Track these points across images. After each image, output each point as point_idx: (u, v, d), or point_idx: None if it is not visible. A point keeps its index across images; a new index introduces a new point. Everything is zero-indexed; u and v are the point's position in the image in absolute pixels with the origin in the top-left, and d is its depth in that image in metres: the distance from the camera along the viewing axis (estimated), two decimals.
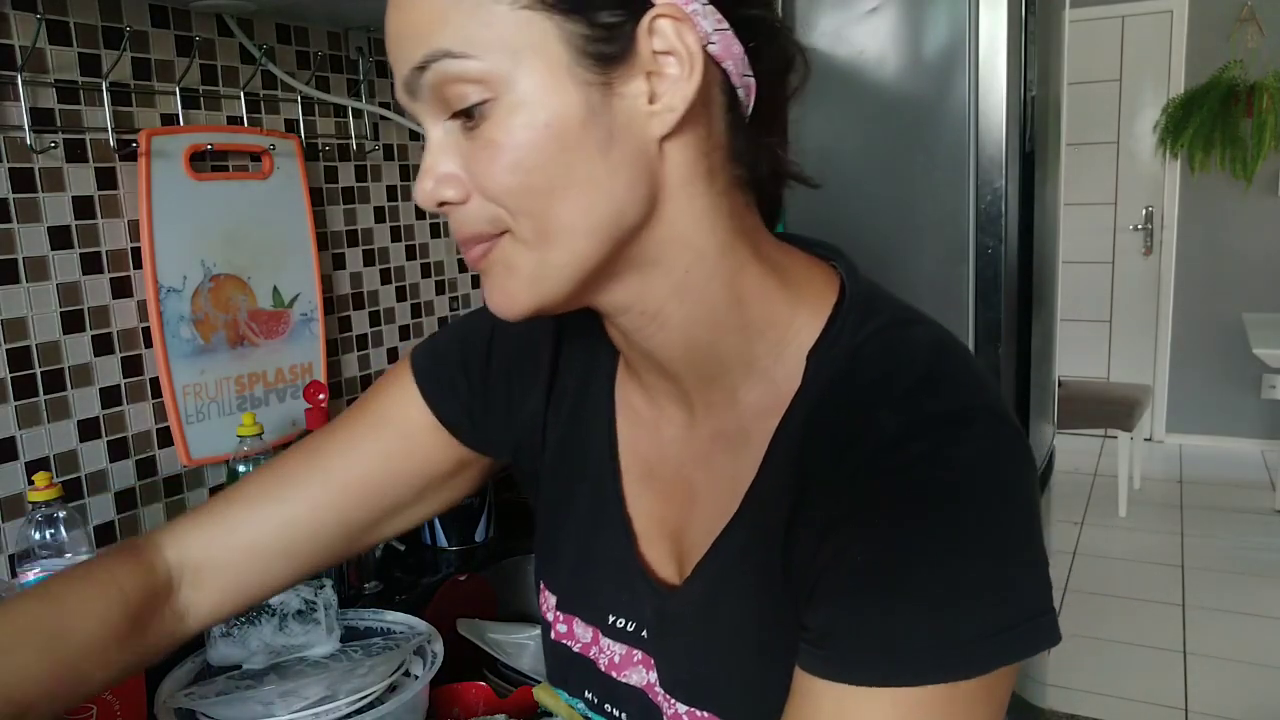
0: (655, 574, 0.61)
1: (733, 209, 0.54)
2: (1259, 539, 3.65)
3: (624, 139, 0.49)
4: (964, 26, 1.48)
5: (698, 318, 0.54)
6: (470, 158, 0.49)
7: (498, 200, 0.49)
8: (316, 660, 1.00)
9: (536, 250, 0.50)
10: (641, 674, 0.61)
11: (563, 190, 0.48)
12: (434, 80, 0.48)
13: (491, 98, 0.47)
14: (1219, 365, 4.71)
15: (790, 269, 0.56)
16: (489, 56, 0.47)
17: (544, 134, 0.47)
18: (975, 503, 0.46)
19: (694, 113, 0.50)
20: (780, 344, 0.55)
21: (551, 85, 0.47)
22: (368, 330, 1.48)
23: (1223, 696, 2.61)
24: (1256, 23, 4.37)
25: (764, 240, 0.56)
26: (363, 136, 1.44)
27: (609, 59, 0.47)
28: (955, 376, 0.51)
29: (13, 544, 0.99)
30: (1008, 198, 1.51)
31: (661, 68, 0.48)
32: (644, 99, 0.49)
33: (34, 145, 1.03)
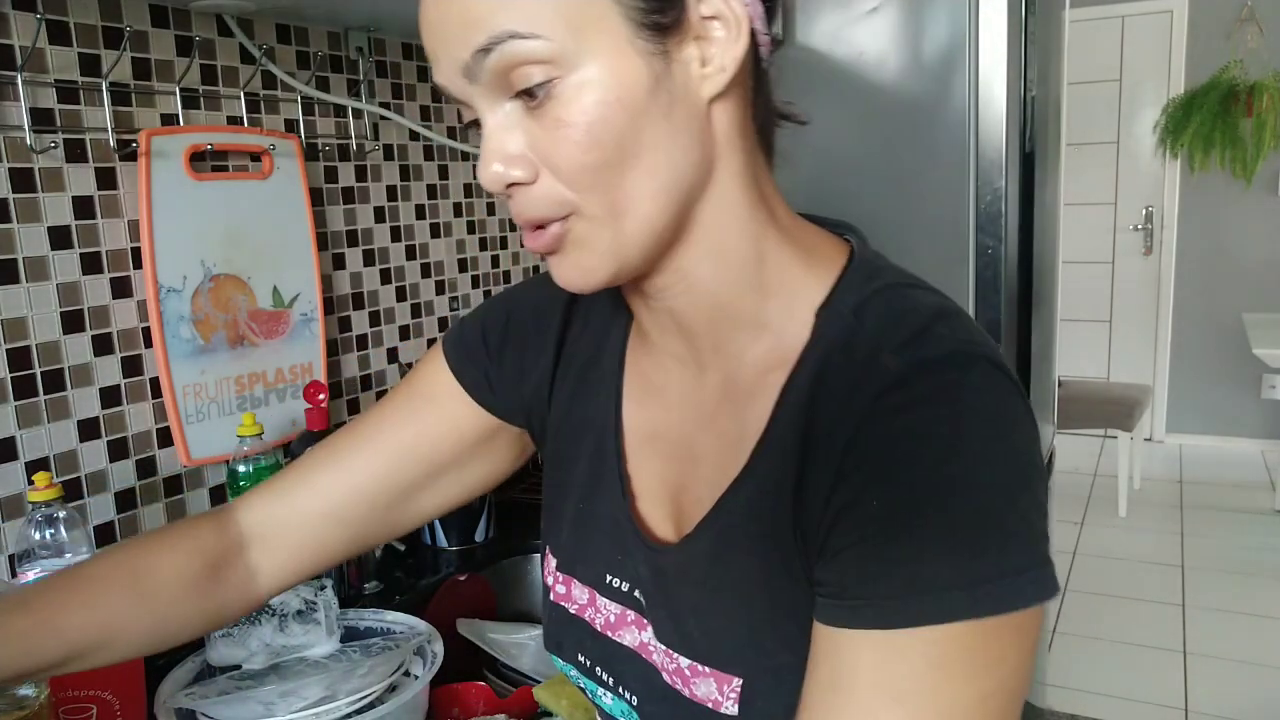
0: (651, 533, 0.62)
1: (758, 167, 0.56)
2: (1259, 539, 3.65)
3: (682, 104, 0.51)
4: (964, 26, 1.48)
5: (723, 277, 0.56)
6: (538, 137, 0.50)
7: (570, 177, 0.50)
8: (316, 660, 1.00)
9: (609, 225, 0.51)
10: (635, 634, 0.62)
11: (633, 160, 0.50)
12: (499, 63, 0.48)
13: (558, 76, 0.48)
14: (1219, 365, 4.71)
15: (804, 234, 0.58)
16: (555, 35, 0.47)
17: (616, 108, 0.49)
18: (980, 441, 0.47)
19: (738, 73, 0.52)
20: (791, 303, 0.56)
21: (618, 59, 0.48)
22: (367, 330, 1.48)
23: (1223, 696, 2.61)
24: (1256, 23, 4.37)
25: (780, 204, 0.58)
26: (363, 136, 1.44)
27: (665, 28, 0.49)
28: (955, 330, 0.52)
29: (13, 544, 0.99)
30: (1008, 198, 1.51)
31: (709, 32, 0.51)
32: (696, 63, 0.51)
33: (34, 145, 1.03)
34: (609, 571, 0.64)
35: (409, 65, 1.53)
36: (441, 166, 1.61)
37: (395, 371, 1.52)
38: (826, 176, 1.58)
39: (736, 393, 0.57)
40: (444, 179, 1.62)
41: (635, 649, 0.62)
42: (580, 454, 0.67)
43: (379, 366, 1.50)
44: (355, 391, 1.46)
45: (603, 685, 0.65)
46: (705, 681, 0.56)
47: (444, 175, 1.62)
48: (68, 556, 0.95)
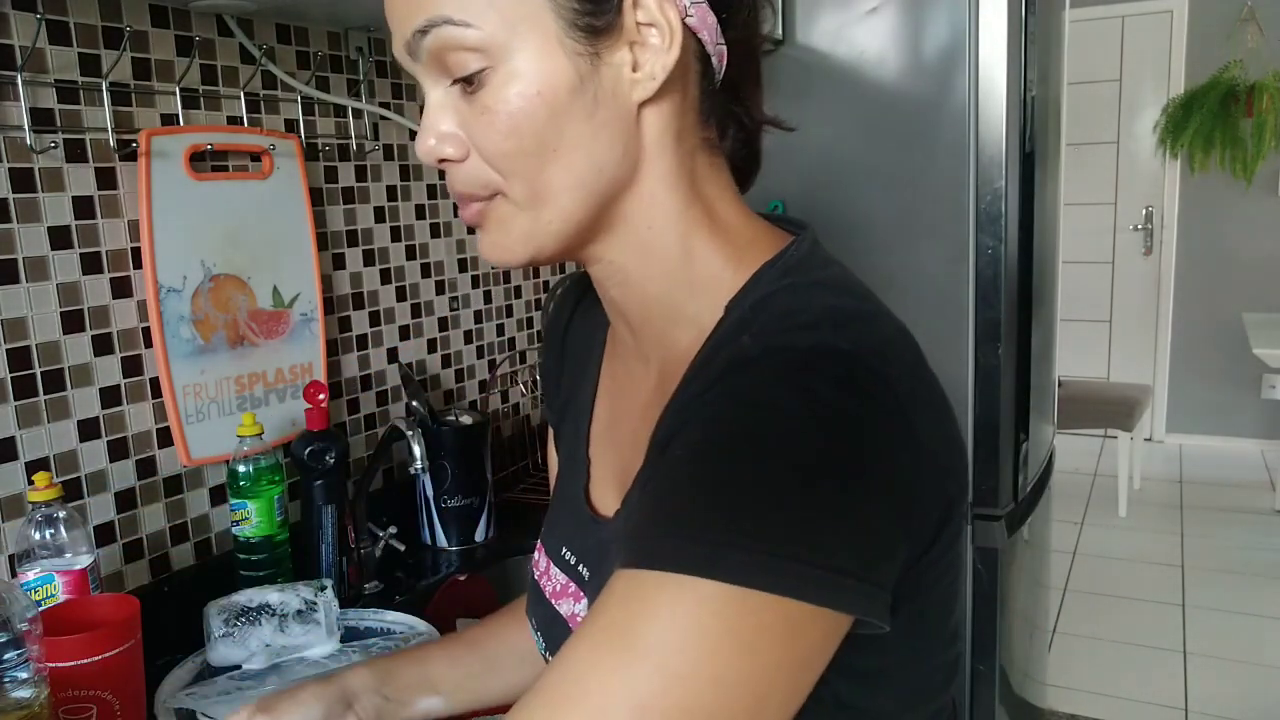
0: (598, 511, 0.66)
1: (695, 171, 0.58)
2: (1259, 539, 3.65)
3: (608, 105, 0.53)
4: (964, 26, 1.48)
5: (652, 274, 0.58)
6: (469, 121, 0.53)
7: (492, 162, 0.54)
8: (316, 660, 1.00)
9: (528, 210, 0.54)
10: (570, 605, 0.66)
11: (552, 153, 0.52)
12: (434, 45, 0.51)
13: (489, 66, 0.51)
14: (1219, 365, 4.71)
15: (743, 233, 0.59)
16: (487, 26, 0.50)
17: (537, 102, 0.51)
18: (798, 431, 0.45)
19: (671, 80, 0.54)
20: (715, 300, 0.57)
21: (545, 56, 0.51)
22: (367, 330, 1.48)
23: (1223, 696, 2.61)
24: (1256, 23, 4.37)
25: (723, 205, 0.59)
26: (363, 136, 1.44)
27: (597, 30, 0.51)
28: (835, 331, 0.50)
29: (13, 544, 0.99)
30: (1008, 198, 1.51)
31: (644, 38, 0.52)
32: (627, 67, 0.53)
33: (34, 145, 1.03)
34: (564, 544, 0.68)
35: None
36: None
37: (395, 371, 1.52)
38: (827, 176, 1.58)
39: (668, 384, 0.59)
40: (444, 179, 1.61)
41: (566, 618, 0.66)
42: (567, 437, 0.73)
43: (379, 366, 1.50)
44: (355, 391, 1.46)
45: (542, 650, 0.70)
46: None
47: (444, 175, 1.61)
48: (67, 556, 0.96)
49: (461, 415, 1.47)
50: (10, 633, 0.71)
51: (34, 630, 0.73)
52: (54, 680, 0.79)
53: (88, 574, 0.96)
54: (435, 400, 1.61)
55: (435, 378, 1.62)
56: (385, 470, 1.51)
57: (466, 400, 1.69)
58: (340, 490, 1.25)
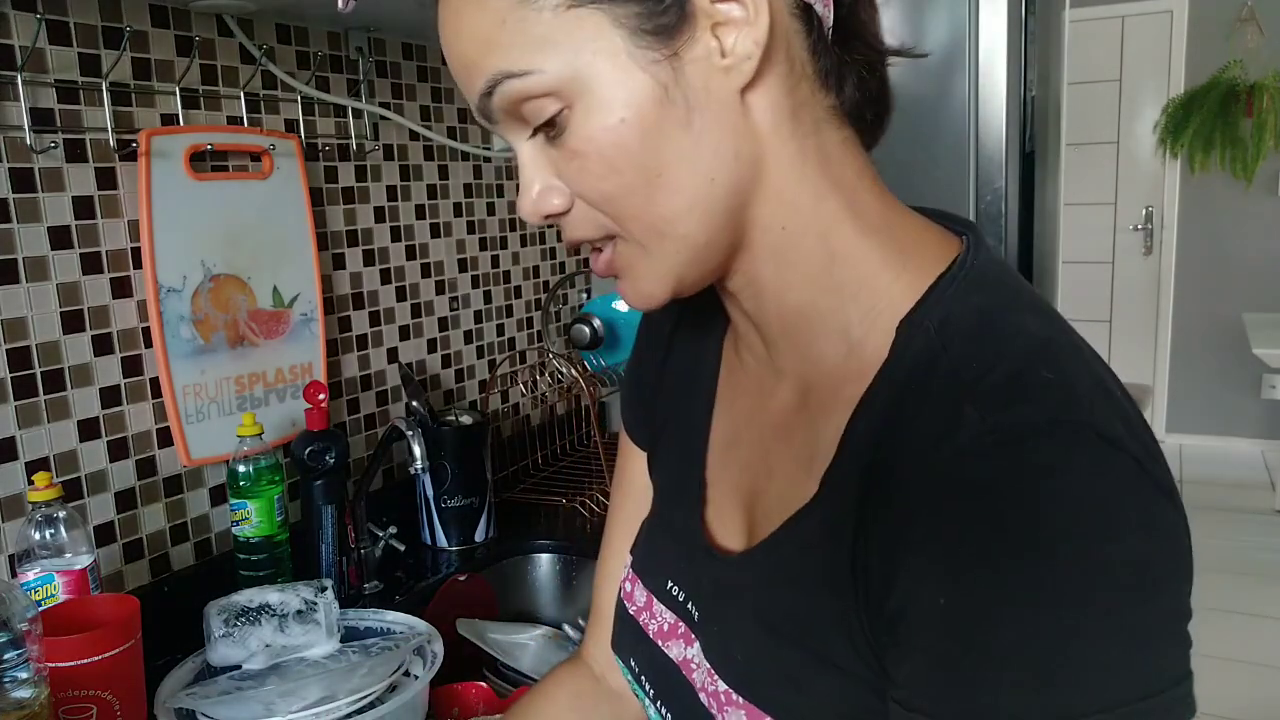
0: (717, 543, 0.59)
1: (825, 152, 0.50)
2: (1259, 539, 3.65)
3: (704, 106, 0.47)
4: (964, 26, 1.48)
5: (790, 280, 0.51)
6: (563, 169, 0.49)
7: (599, 206, 0.49)
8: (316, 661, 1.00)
9: (652, 247, 0.49)
10: (680, 648, 0.60)
11: (657, 179, 0.47)
12: (503, 103, 0.47)
13: (565, 106, 0.46)
14: (1219, 365, 4.71)
15: (898, 228, 0.51)
16: (549, 66, 0.45)
17: (624, 130, 0.46)
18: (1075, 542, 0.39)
19: (770, 51, 0.47)
20: (873, 310, 0.50)
21: (618, 77, 0.45)
22: (368, 330, 1.48)
23: (1223, 696, 2.61)
24: (1256, 23, 4.37)
25: (865, 191, 0.51)
26: (363, 136, 1.44)
27: (668, 30, 0.45)
28: (1058, 382, 0.43)
29: (13, 544, 0.99)
30: (1008, 198, 1.51)
31: (725, 15, 0.46)
32: (716, 55, 0.46)
33: (34, 145, 1.03)
34: (670, 579, 0.62)
35: (409, 65, 1.53)
36: (441, 166, 1.61)
37: (395, 371, 1.52)
38: None
39: (812, 404, 0.53)
40: (444, 179, 1.62)
41: (678, 663, 0.60)
42: (670, 459, 0.66)
43: (379, 366, 1.50)
44: (355, 391, 1.46)
45: (646, 695, 0.63)
46: (737, 713, 0.53)
47: (444, 175, 1.62)
48: (67, 556, 0.95)
49: (461, 415, 1.47)
50: (10, 633, 0.71)
51: (34, 630, 0.73)
52: (54, 680, 0.79)
53: (88, 574, 0.96)
54: (435, 400, 1.61)
55: (435, 378, 1.62)
56: (385, 470, 1.51)
57: (466, 400, 1.69)
58: (340, 490, 1.25)
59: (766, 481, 0.56)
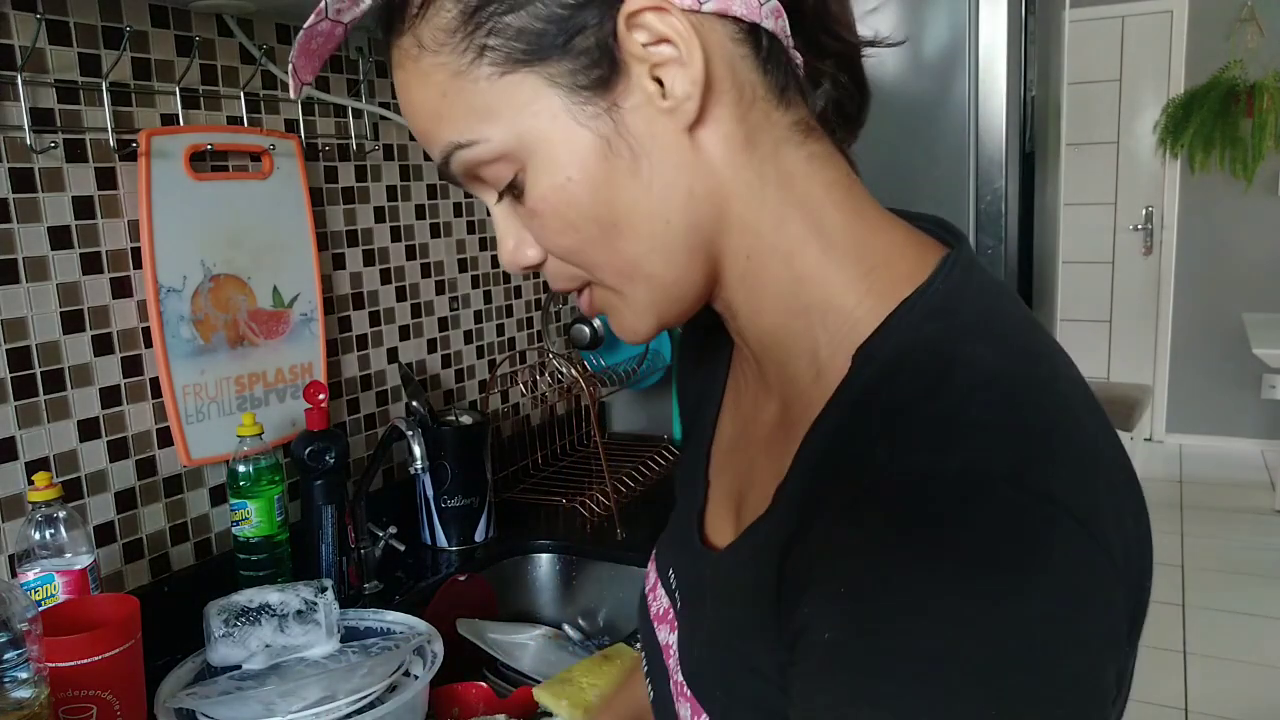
0: (708, 539, 0.61)
1: (785, 173, 0.49)
2: (1259, 539, 3.66)
3: (649, 149, 0.46)
4: (964, 26, 1.48)
5: (761, 305, 0.51)
6: (528, 224, 0.50)
7: (565, 259, 0.50)
8: (316, 661, 1.00)
9: (623, 290, 0.50)
10: (666, 633, 0.63)
11: (614, 229, 0.47)
12: (461, 170, 0.49)
13: (520, 168, 0.47)
14: (1219, 365, 4.71)
15: (867, 246, 0.50)
16: (493, 134, 0.46)
17: (573, 189, 0.46)
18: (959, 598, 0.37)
19: (712, 84, 0.46)
20: (839, 334, 0.49)
21: (561, 136, 0.46)
22: (368, 330, 1.48)
23: (1223, 696, 2.61)
24: (1256, 23, 4.37)
25: (832, 207, 0.50)
26: (363, 136, 1.44)
27: (603, 81, 0.45)
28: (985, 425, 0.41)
29: (13, 544, 0.99)
30: (1008, 198, 1.51)
31: (660, 57, 0.45)
32: (657, 98, 0.46)
33: (34, 145, 1.03)
34: (671, 566, 0.65)
35: None
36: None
37: (395, 371, 1.52)
38: None
39: (788, 421, 0.54)
40: (444, 179, 1.62)
41: (662, 647, 0.63)
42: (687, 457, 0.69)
43: (379, 366, 1.50)
44: (355, 391, 1.46)
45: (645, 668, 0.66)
46: (684, 705, 0.55)
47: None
48: (67, 556, 0.96)
49: (461, 415, 1.47)
50: (10, 633, 0.71)
51: (34, 630, 0.73)
52: (54, 680, 0.79)
53: (88, 574, 0.96)
54: (435, 400, 1.61)
55: (435, 378, 1.62)
56: (385, 470, 1.51)
57: (466, 400, 1.69)
58: (340, 490, 1.25)
59: (749, 490, 0.58)
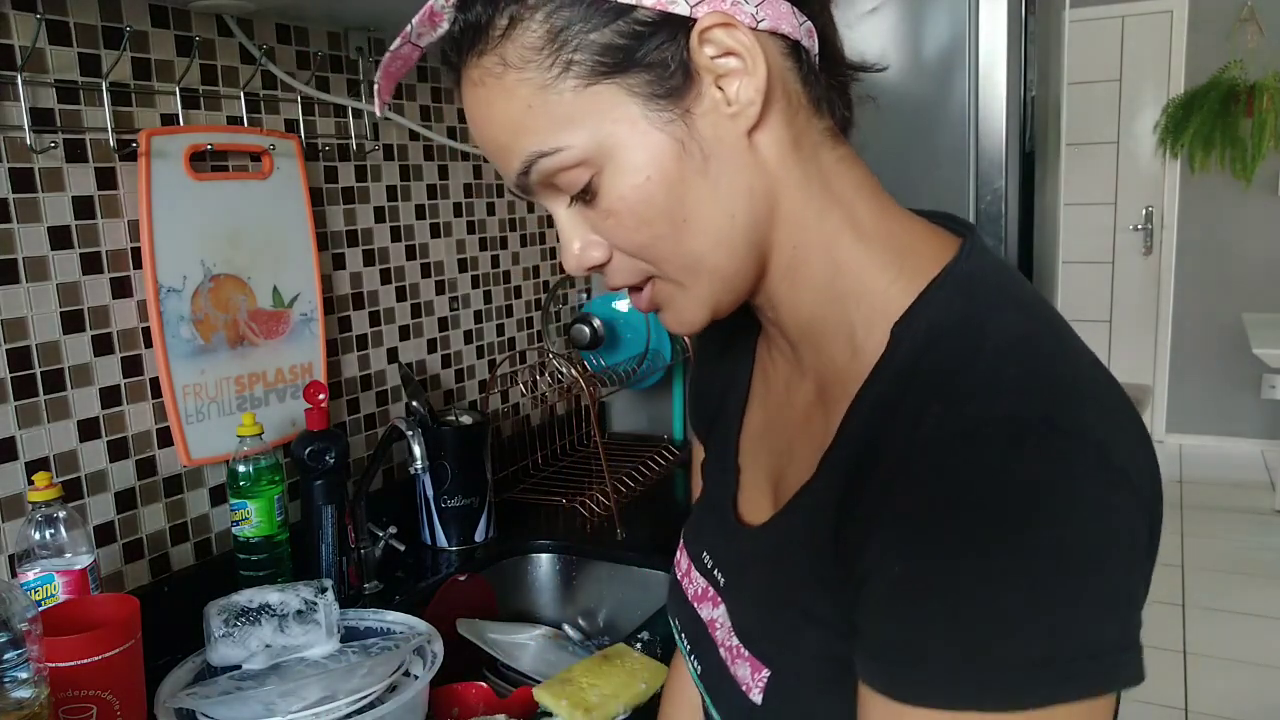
0: (744, 519, 0.66)
1: (824, 171, 0.55)
2: (1259, 539, 3.66)
3: (716, 152, 0.52)
4: (964, 26, 1.48)
5: (802, 294, 0.57)
6: (600, 226, 0.54)
7: (636, 255, 0.55)
8: (316, 661, 1.00)
9: (687, 282, 0.55)
10: (709, 610, 0.66)
11: (684, 224, 0.52)
12: (539, 178, 0.53)
13: (596, 172, 0.52)
14: (1219, 365, 4.71)
15: (895, 236, 0.56)
16: (576, 141, 0.51)
17: (650, 187, 0.51)
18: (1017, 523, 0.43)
19: (769, 93, 0.52)
20: (873, 314, 0.55)
21: (638, 140, 0.51)
22: (368, 330, 1.48)
23: (1223, 696, 2.61)
24: (1256, 23, 4.37)
25: (863, 202, 0.56)
26: (363, 136, 1.44)
27: (677, 90, 0.51)
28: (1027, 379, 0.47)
29: (13, 544, 0.99)
30: (1008, 198, 1.51)
31: (726, 69, 0.51)
32: (723, 105, 0.51)
33: (34, 145, 1.03)
34: (706, 550, 0.69)
35: None
36: (441, 166, 1.61)
37: (395, 371, 1.52)
38: None
39: (827, 399, 0.59)
40: (444, 179, 1.62)
41: (706, 623, 0.66)
42: (715, 447, 0.73)
43: (379, 366, 1.50)
44: (355, 391, 1.46)
45: (685, 647, 0.70)
46: (743, 665, 0.60)
47: (444, 175, 1.62)
48: (67, 556, 0.96)
49: (461, 415, 1.47)
50: (10, 633, 0.71)
51: (34, 630, 0.73)
52: (54, 680, 0.79)
53: (88, 574, 0.96)
54: (435, 400, 1.61)
55: (435, 378, 1.62)
56: (385, 470, 1.51)
57: (466, 400, 1.69)
58: (340, 490, 1.25)
59: (789, 466, 0.62)
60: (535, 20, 0.50)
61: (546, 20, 0.50)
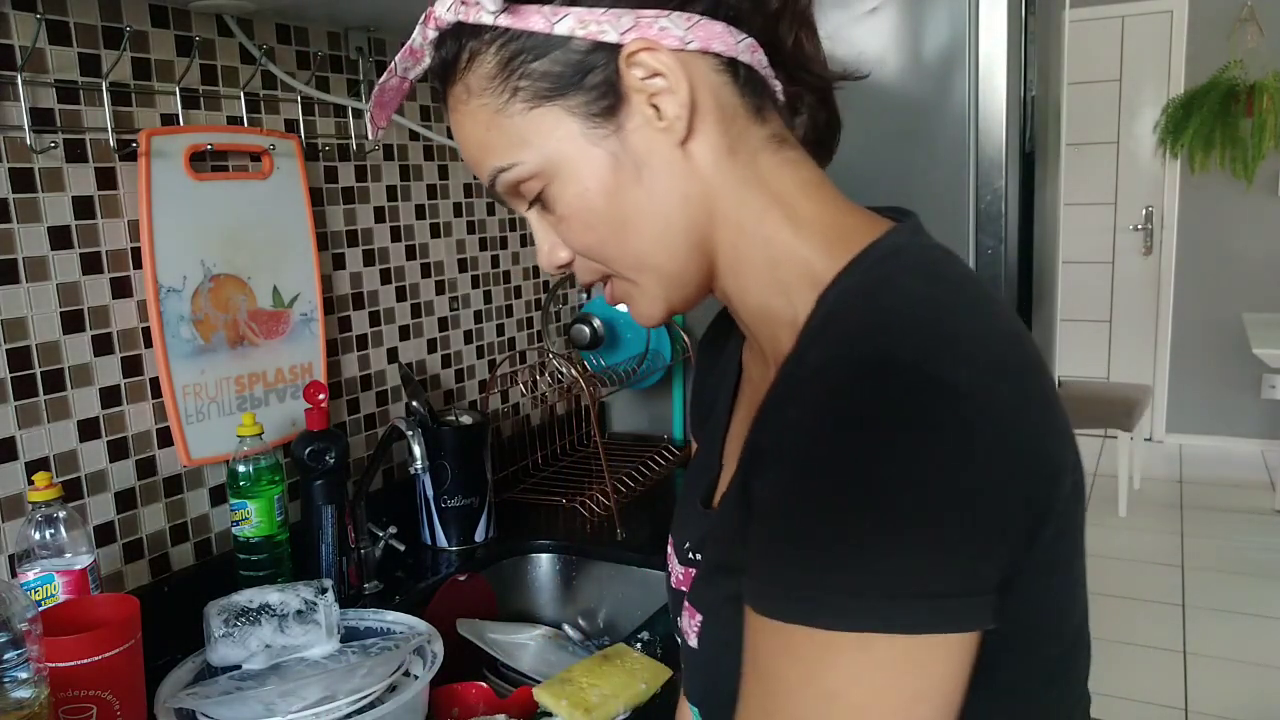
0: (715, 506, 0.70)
1: (762, 175, 0.59)
2: (1259, 539, 3.66)
3: (649, 163, 0.57)
4: (964, 26, 1.48)
5: (747, 287, 0.61)
6: (556, 229, 0.61)
7: (587, 255, 0.61)
8: (316, 661, 1.00)
9: (637, 280, 0.61)
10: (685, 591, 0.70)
11: (624, 227, 0.58)
12: (503, 188, 0.60)
13: (546, 184, 0.58)
14: (1219, 365, 4.71)
15: (835, 225, 0.60)
16: (527, 156, 0.58)
17: (590, 196, 0.57)
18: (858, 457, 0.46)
19: (697, 106, 0.57)
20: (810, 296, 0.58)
21: (579, 155, 0.57)
22: (367, 330, 1.48)
23: (1223, 696, 2.61)
24: (1256, 23, 4.37)
25: (806, 200, 0.60)
26: (362, 136, 1.44)
27: (610, 110, 0.56)
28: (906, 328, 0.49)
29: (13, 544, 0.99)
30: (1008, 198, 1.51)
31: (654, 88, 0.56)
32: (654, 120, 0.56)
33: (34, 145, 1.03)
34: (687, 539, 0.72)
35: None
36: (441, 166, 1.61)
37: (395, 371, 1.52)
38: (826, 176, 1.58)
39: None
40: (444, 179, 1.62)
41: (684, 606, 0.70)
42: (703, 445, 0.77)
43: (379, 366, 1.50)
44: (355, 391, 1.46)
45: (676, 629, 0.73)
46: (689, 615, 0.66)
47: (444, 175, 1.62)
48: (67, 556, 0.96)
49: (461, 415, 1.47)
50: (10, 633, 0.71)
51: (34, 630, 0.73)
52: (54, 680, 0.79)
53: (88, 574, 0.96)
54: (435, 400, 1.61)
55: (435, 378, 1.62)
56: (385, 470, 1.51)
57: (466, 400, 1.69)
58: (340, 490, 1.25)
59: None
60: (489, 53, 0.57)
61: (498, 53, 0.57)
